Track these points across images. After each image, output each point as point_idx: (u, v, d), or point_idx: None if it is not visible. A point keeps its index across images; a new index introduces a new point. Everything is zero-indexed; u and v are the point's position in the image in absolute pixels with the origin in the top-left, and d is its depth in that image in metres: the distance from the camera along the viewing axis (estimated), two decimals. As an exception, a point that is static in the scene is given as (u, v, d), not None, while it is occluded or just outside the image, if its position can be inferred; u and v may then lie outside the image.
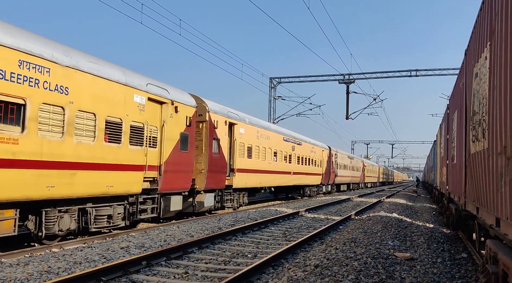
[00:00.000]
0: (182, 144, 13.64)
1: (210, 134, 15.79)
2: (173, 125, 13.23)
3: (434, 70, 35.01)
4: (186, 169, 13.97)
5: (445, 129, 14.12)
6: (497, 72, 4.77)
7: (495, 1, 5.00)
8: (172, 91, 13.36)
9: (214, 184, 16.09)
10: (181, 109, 13.57)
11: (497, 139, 4.72)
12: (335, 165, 39.66)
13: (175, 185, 13.40)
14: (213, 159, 15.93)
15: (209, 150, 15.63)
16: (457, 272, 7.58)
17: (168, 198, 13.21)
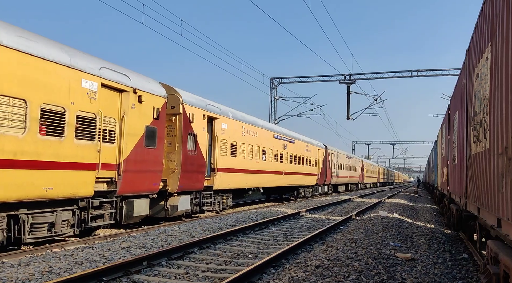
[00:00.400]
0: (148, 139, 11.99)
1: (185, 129, 14.09)
2: (136, 117, 11.57)
3: (435, 71, 35.00)
4: (154, 168, 12.30)
5: (446, 130, 14.11)
6: (498, 73, 4.77)
7: (496, 2, 5.00)
8: (134, 78, 11.64)
9: (190, 185, 14.45)
10: (146, 99, 11.87)
11: (498, 140, 4.72)
12: (332, 165, 38.27)
13: (139, 187, 11.75)
14: (189, 157, 14.25)
15: (184, 147, 13.96)
16: (458, 273, 7.58)
17: (131, 202, 11.58)
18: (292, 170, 27.10)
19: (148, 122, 12.09)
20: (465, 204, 8.19)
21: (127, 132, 11.26)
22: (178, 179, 13.67)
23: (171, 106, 13.80)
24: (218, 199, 17.20)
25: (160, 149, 12.67)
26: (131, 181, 11.39)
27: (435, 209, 23.43)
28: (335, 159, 39.45)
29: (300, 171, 28.73)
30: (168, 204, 13.62)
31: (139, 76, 12.08)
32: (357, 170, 52.42)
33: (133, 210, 11.62)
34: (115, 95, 11.08)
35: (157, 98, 12.58)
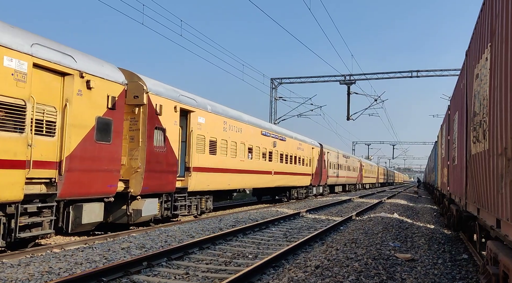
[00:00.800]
0: (100, 133, 10.25)
1: (151, 122, 12.30)
2: (84, 106, 9.77)
3: (435, 71, 35.00)
4: (108, 166, 10.52)
5: (446, 130, 14.12)
6: (498, 73, 4.78)
7: (495, 3, 5.00)
8: (81, 60, 9.84)
9: (158, 186, 12.62)
10: (98, 86, 10.13)
11: (497, 141, 4.72)
12: (328, 165, 36.39)
13: (88, 189, 9.98)
14: (156, 155, 12.47)
15: (149, 143, 12.16)
16: (458, 273, 7.58)
17: (79, 207, 9.82)
18: (283, 170, 25.35)
19: (101, 112, 10.31)
20: (465, 204, 8.19)
21: (72, 124, 9.46)
22: (141, 180, 11.82)
23: (134, 96, 11.99)
24: (195, 202, 15.47)
25: (117, 144, 10.86)
26: (77, 182, 9.62)
27: (435, 209, 23.43)
28: (332, 158, 37.82)
29: (292, 170, 27.04)
30: (131, 209, 11.83)
31: (89, 58, 10.27)
32: (355, 170, 50.75)
33: (82, 216, 9.83)
34: (55, 80, 9.28)
35: (113, 85, 10.76)
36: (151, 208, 12.28)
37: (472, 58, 7.34)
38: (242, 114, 19.89)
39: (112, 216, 11.90)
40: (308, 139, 31.42)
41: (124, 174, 11.79)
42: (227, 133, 17.62)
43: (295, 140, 27.97)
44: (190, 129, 14.78)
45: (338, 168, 40.37)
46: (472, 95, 7.14)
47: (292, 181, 27.01)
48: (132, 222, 11.87)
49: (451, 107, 12.86)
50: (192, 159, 14.75)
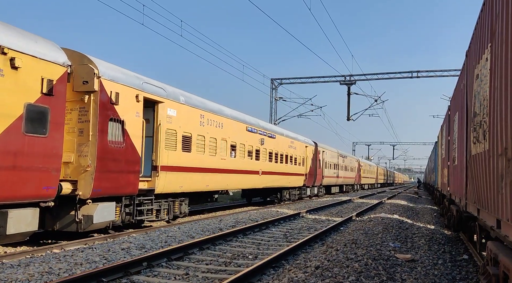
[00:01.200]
0: (31, 123, 8.60)
1: (104, 112, 10.55)
2: (7, 90, 8.12)
3: (435, 72, 35.01)
4: (44, 164, 8.89)
5: (446, 131, 14.11)
6: (498, 74, 4.77)
7: (496, 3, 5.00)
8: (3, 32, 8.21)
9: (114, 188, 10.85)
10: (28, 65, 8.51)
11: (497, 141, 4.72)
12: (324, 164, 34.66)
13: (15, 191, 8.27)
14: (110, 151, 10.70)
15: (101, 137, 10.42)
16: (458, 274, 7.57)
17: (3, 214, 8.21)
18: (272, 169, 23.35)
19: (32, 98, 8.64)
20: (465, 205, 8.18)
21: None
22: (92, 180, 10.06)
23: (83, 81, 10.21)
24: (165, 205, 13.60)
25: (56, 137, 9.21)
26: None
27: (435, 210, 23.42)
28: (327, 157, 36.07)
29: (283, 170, 25.07)
30: (81, 214, 10.10)
31: (17, 31, 8.66)
32: (353, 170, 49.22)
33: (8, 226, 8.19)
34: None
35: (50, 66, 9.05)
36: (106, 213, 10.55)
37: (472, 58, 7.34)
38: (224, 108, 17.92)
39: (59, 223, 10.17)
40: (301, 137, 29.60)
41: (71, 173, 10.14)
42: (205, 129, 15.70)
43: (286, 138, 26.09)
44: (158, 122, 12.87)
45: (334, 168, 38.84)
46: (472, 96, 7.14)
47: (283, 182, 25.26)
48: (83, 230, 10.17)
49: (451, 107, 12.85)
50: (161, 156, 12.83)
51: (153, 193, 12.65)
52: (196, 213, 18.75)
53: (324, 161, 34.81)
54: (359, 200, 30.54)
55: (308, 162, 30.26)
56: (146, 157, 12.64)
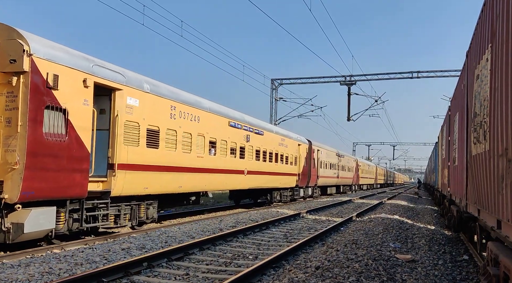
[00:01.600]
0: None
1: (37, 98, 8.70)
2: None
3: (435, 72, 35.01)
4: None
5: (447, 131, 14.11)
6: (498, 74, 4.78)
7: (496, 4, 5.00)
8: None
9: (52, 189, 8.98)
10: None
11: (498, 141, 4.72)
12: (319, 164, 32.88)
13: None
14: (47, 145, 8.87)
15: (34, 127, 8.58)
16: (458, 274, 7.57)
17: None
18: (260, 169, 21.38)
19: None
20: (466, 205, 8.18)
21: None
22: (20, 181, 8.26)
23: (10, 60, 8.48)
24: (126, 209, 11.72)
25: None
26: None
27: (436, 210, 23.41)
28: (323, 156, 34.20)
29: (272, 170, 23.12)
30: (9, 222, 8.32)
31: None
32: (351, 170, 47.56)
33: None
34: None
35: None
36: (42, 220, 8.72)
37: (472, 59, 7.34)
38: (202, 100, 16.01)
39: None
40: (293, 135, 27.62)
41: None
42: (176, 122, 13.71)
43: (276, 135, 24.08)
44: (115, 113, 10.95)
45: (330, 168, 37.23)
46: (472, 96, 7.14)
47: (273, 182, 23.38)
48: (11, 241, 8.34)
49: (451, 108, 12.85)
50: (118, 153, 10.94)
51: (108, 195, 10.79)
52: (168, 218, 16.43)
53: (319, 160, 33.10)
54: (359, 200, 30.54)
55: (301, 161, 28.41)
56: (100, 154, 10.85)
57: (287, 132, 26.65)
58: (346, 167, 44.61)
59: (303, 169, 28.84)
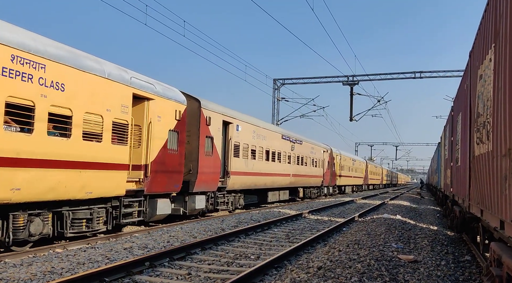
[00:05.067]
0: None
1: None
2: None
3: (438, 72, 34.91)
4: None
5: (450, 132, 14.07)
6: (502, 74, 4.75)
7: (500, 3, 4.98)
8: None
9: None
10: None
11: (501, 142, 4.70)
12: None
13: None
14: None
15: None
16: (461, 275, 7.54)
17: None
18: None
19: None
20: (468, 205, 8.15)
21: None
22: None
23: None
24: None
25: None
26: None
27: (438, 210, 23.35)
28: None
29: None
30: None
31: None
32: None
33: None
34: None
35: None
36: None
37: (475, 59, 7.31)
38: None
39: None
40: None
41: None
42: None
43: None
44: None
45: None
46: (475, 96, 7.12)
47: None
48: None
49: (454, 108, 12.82)
50: None
51: None
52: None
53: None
54: (361, 201, 30.49)
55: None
56: None
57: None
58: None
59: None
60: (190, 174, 14.28)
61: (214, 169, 15.63)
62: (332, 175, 36.58)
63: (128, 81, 11.10)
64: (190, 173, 14.24)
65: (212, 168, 15.43)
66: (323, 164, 33.63)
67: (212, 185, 15.52)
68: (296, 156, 26.69)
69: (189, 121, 14.36)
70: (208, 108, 15.24)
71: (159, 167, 12.19)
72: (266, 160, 21.52)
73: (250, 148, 19.17)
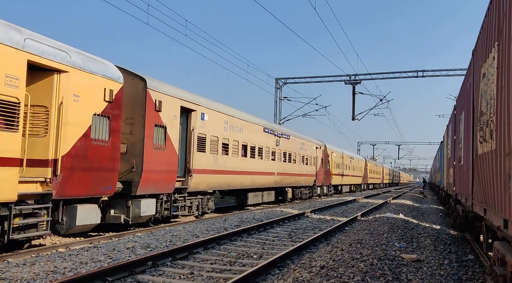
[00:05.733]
0: None
1: None
2: None
3: (441, 71, 34.83)
4: None
5: (452, 130, 14.03)
6: (505, 73, 4.73)
7: (503, 1, 4.95)
8: None
9: None
10: None
11: (505, 140, 4.67)
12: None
13: None
14: None
15: None
16: (464, 274, 7.52)
17: None
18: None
19: None
20: (471, 204, 8.13)
21: None
22: None
23: None
24: None
25: None
26: None
27: (441, 210, 23.31)
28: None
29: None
30: None
31: None
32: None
33: None
34: None
35: None
36: None
37: (479, 57, 7.28)
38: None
39: None
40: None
41: None
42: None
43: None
44: None
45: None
46: (479, 95, 7.09)
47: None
48: None
49: (457, 107, 12.78)
50: None
51: None
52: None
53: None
54: (364, 200, 30.45)
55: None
56: None
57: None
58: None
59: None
60: (133, 172, 11.29)
61: (169, 166, 12.61)
62: (326, 174, 33.56)
63: (19, 43, 8.03)
64: (133, 170, 11.28)
65: (165, 164, 12.41)
66: (315, 162, 30.48)
67: (165, 185, 12.55)
68: (283, 152, 23.64)
69: (129, 105, 11.53)
70: (159, 90, 12.18)
71: (78, 162, 9.32)
72: (243, 156, 18.44)
73: (221, 141, 16.16)
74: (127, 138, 11.61)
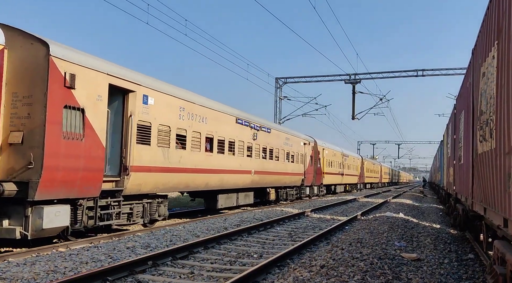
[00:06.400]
0: None
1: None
2: None
3: (441, 70, 34.83)
4: None
5: (452, 130, 14.04)
6: (505, 72, 4.73)
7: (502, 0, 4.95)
8: None
9: None
10: None
11: (505, 139, 4.68)
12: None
13: None
14: None
15: None
16: (464, 273, 7.53)
17: None
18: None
19: None
20: (471, 204, 8.13)
21: None
22: None
23: None
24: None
25: None
26: None
27: (441, 209, 23.32)
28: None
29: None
30: None
31: None
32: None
33: None
34: None
35: None
36: None
37: (478, 56, 7.28)
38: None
39: None
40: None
41: None
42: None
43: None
44: None
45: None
46: (478, 94, 7.09)
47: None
48: None
49: (457, 106, 12.78)
50: None
51: None
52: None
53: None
54: (364, 199, 30.46)
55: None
56: None
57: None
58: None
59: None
60: (30, 170, 8.37)
61: (89, 161, 9.59)
62: (316, 172, 30.39)
63: None
64: (30, 167, 8.37)
65: (84, 159, 9.42)
66: (303, 159, 27.35)
67: (85, 187, 9.56)
68: (262, 147, 20.32)
69: (27, 78, 8.66)
70: (71, 60, 9.16)
71: None
72: (208, 151, 15.31)
73: (175, 132, 13.05)
74: (24, 123, 8.65)
